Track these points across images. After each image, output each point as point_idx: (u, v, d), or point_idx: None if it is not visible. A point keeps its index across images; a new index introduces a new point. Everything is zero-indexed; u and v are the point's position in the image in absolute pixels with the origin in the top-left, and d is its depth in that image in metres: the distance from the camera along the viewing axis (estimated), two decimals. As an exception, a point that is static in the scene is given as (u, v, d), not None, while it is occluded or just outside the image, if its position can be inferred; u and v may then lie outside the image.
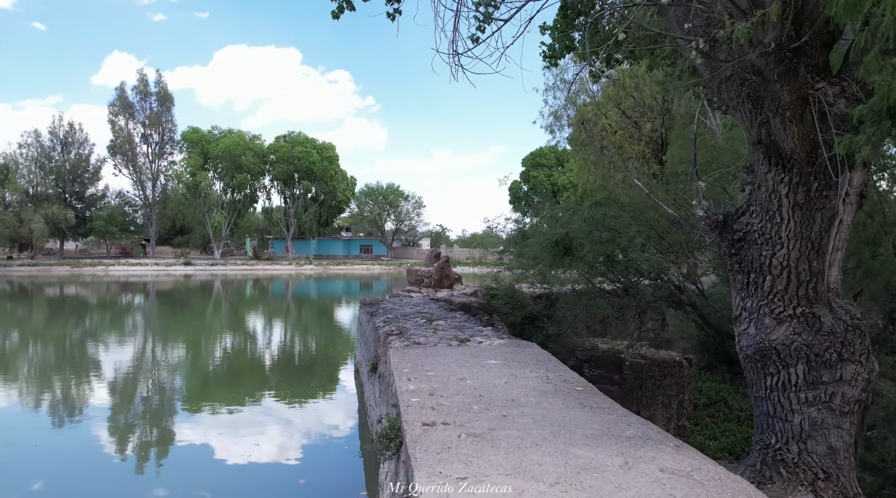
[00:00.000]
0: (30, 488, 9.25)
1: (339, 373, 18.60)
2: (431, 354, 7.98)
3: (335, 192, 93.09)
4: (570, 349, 13.01)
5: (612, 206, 11.03)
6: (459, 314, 12.42)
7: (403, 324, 10.88)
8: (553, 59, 10.02)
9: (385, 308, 13.85)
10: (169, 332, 28.61)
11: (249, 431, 12.19)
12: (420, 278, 20.21)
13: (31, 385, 16.75)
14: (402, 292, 18.40)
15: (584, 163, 25.44)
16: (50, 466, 10.23)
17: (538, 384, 6.34)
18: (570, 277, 13.93)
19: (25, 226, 75.83)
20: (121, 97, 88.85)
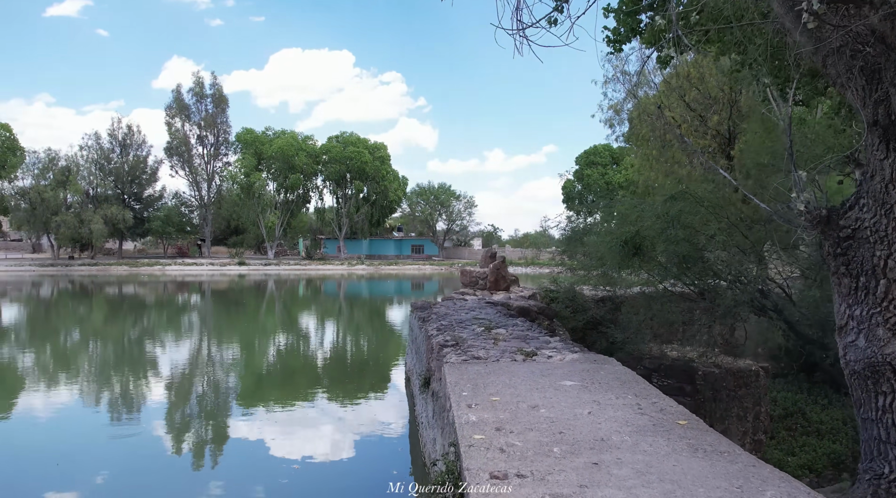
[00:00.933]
0: (93, 482, 9.47)
1: (391, 374, 18.41)
2: (494, 372, 6.88)
3: (387, 192, 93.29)
4: (638, 357, 12.24)
5: (688, 202, 10.12)
6: (520, 321, 11.39)
7: (459, 332, 9.94)
8: (617, 44, 9.36)
9: (438, 313, 12.95)
10: (224, 331, 29.04)
11: (302, 430, 12.25)
12: (475, 280, 19.39)
13: (92, 382, 17.11)
14: (455, 295, 17.58)
15: (645, 158, 24.43)
16: (109, 462, 10.42)
17: (630, 416, 5.19)
18: (637, 279, 13.16)
19: (86, 226, 77.98)
20: (177, 99, 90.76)
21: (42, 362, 20.16)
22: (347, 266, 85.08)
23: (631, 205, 12.84)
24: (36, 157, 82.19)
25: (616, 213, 12.31)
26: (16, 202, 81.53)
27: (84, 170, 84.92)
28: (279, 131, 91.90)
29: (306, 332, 29.27)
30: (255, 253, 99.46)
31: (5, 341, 24.98)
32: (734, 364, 11.38)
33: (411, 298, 47.93)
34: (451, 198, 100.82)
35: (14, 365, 19.64)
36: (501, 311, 13.46)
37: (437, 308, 14.03)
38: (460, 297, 16.92)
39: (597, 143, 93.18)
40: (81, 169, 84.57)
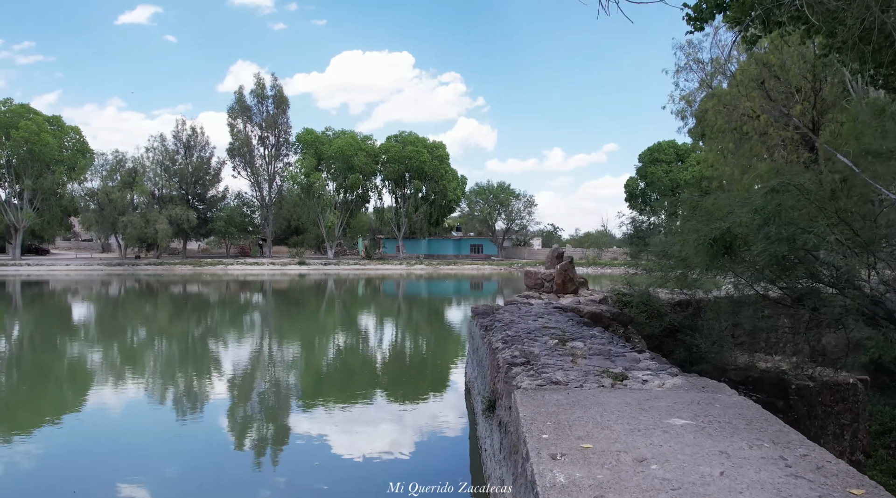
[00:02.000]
0: (162, 475, 9.68)
1: (450, 376, 18.16)
2: (579, 403, 5.51)
3: (445, 192, 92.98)
4: (721, 368, 11.30)
5: (791, 195, 9.06)
6: (598, 331, 10.26)
7: (529, 346, 8.68)
8: (698, 21, 8.56)
9: (502, 320, 11.79)
10: (284, 330, 29.35)
11: (360, 430, 12.22)
12: (539, 282, 18.40)
13: (158, 379, 17.53)
14: (519, 298, 16.60)
15: (719, 152, 23.27)
16: (175, 457, 10.63)
17: (779, 479, 3.71)
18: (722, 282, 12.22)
19: (151, 226, 79.99)
20: (239, 101, 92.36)
21: (110, 359, 20.78)
22: (406, 266, 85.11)
23: (722, 199, 11.86)
24: (104, 159, 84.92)
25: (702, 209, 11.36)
26: (85, 203, 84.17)
27: (150, 171, 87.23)
28: (339, 131, 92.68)
29: (365, 331, 29.35)
30: (315, 253, 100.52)
31: (76, 339, 25.98)
32: (830, 376, 10.39)
33: (470, 298, 47.52)
34: (510, 197, 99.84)
35: (84, 362, 20.37)
36: (572, 318, 12.45)
37: (501, 314, 12.96)
38: (525, 300, 15.96)
39: (661, 140, 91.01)
40: (147, 170, 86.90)
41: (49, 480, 9.65)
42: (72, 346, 23.89)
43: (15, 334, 27.35)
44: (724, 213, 10.44)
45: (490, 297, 48.98)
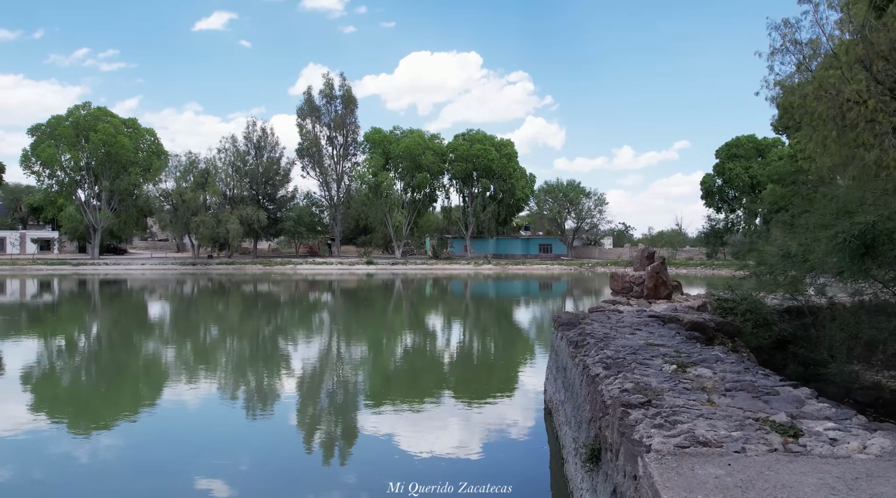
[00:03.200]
0: (236, 468, 9.81)
1: (520, 376, 17.60)
2: (754, 486, 3.84)
3: (514, 190, 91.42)
4: (844, 387, 9.65)
5: None
6: (720, 352, 8.72)
7: (642, 375, 6.97)
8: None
9: (594, 334, 10.20)
10: (352, 329, 29.38)
11: (431, 429, 12.01)
12: (628, 286, 16.69)
13: (230, 376, 17.88)
14: (605, 305, 15.12)
15: (819, 142, 21.12)
16: (247, 453, 10.80)
17: None
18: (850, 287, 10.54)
19: (223, 226, 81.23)
20: (308, 101, 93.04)
21: (184, 357, 21.27)
22: (474, 266, 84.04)
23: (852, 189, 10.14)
24: (178, 160, 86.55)
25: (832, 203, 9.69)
26: (160, 204, 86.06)
27: (221, 172, 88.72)
28: (406, 130, 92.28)
29: (432, 332, 29.03)
30: (382, 252, 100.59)
31: (152, 336, 26.71)
32: None
33: (538, 299, 46.29)
34: (580, 195, 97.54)
35: (159, 359, 20.98)
36: (676, 329, 11.07)
37: (591, 325, 11.46)
38: (612, 307, 14.49)
39: (739, 135, 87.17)
40: (219, 171, 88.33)
41: (128, 472, 9.95)
42: (147, 343, 24.49)
43: (94, 332, 28.21)
44: (857, 205, 8.80)
45: (560, 297, 47.72)
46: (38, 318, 33.23)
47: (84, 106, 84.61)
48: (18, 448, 10.98)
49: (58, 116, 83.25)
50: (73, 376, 17.96)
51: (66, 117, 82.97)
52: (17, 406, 14.09)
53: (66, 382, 17.26)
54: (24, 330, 28.18)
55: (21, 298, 45.59)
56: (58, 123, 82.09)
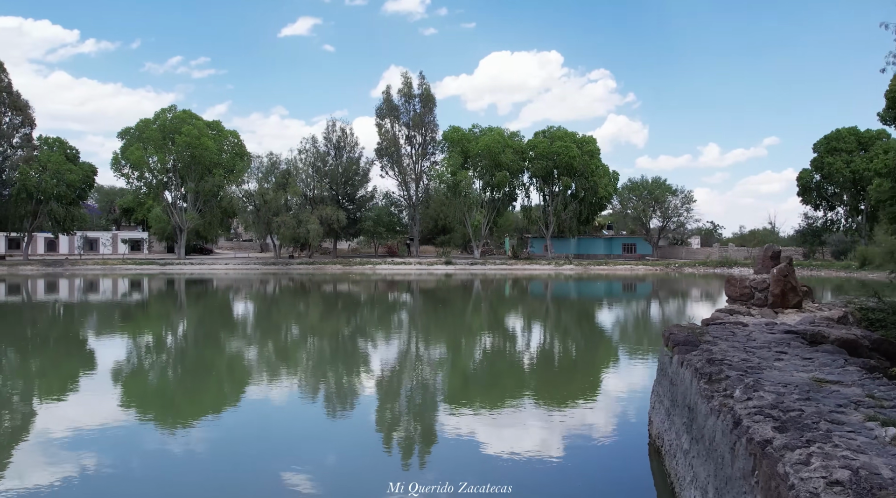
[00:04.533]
0: (320, 463, 10.06)
1: (602, 379, 17.64)
2: None
3: (596, 188, 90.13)
4: None
5: None
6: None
7: (851, 450, 4.54)
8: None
9: (730, 362, 8.04)
10: (431, 330, 29.68)
11: (511, 432, 12.00)
12: (748, 291, 14.69)
13: (310, 375, 18.41)
14: (723, 314, 13.15)
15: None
16: (328, 448, 11.23)
17: None
18: None
19: (303, 227, 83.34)
20: (387, 101, 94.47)
21: (265, 355, 22.03)
22: (555, 266, 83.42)
23: None
24: (260, 161, 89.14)
25: None
26: (242, 204, 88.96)
27: (302, 173, 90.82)
28: (485, 128, 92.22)
29: (512, 333, 29.01)
30: (461, 252, 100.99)
31: (235, 335, 27.76)
32: None
33: (622, 300, 45.45)
34: (666, 193, 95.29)
35: (242, 357, 21.78)
36: (833, 353, 8.73)
37: (717, 346, 9.30)
38: (733, 318, 12.42)
39: (839, 127, 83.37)
40: (300, 172, 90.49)
41: (215, 466, 10.49)
42: (231, 342, 25.47)
43: (181, 330, 29.58)
44: None
45: (644, 299, 46.78)
46: (129, 316, 35.11)
47: (170, 109, 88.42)
48: (112, 441, 11.68)
49: (146, 120, 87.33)
50: (160, 373, 18.92)
51: (153, 121, 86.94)
52: (109, 401, 14.98)
53: (154, 378, 18.20)
54: (116, 328, 29.93)
55: (112, 296, 48.28)
56: (145, 127, 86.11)
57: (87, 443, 11.40)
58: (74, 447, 11.11)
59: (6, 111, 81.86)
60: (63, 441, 11.49)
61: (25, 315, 34.85)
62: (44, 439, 11.70)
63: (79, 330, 29.25)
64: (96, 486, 9.50)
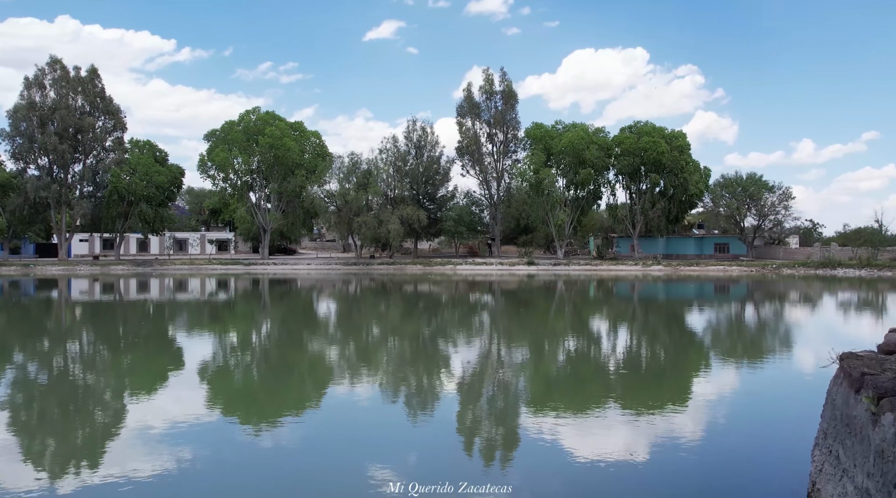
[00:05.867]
0: (404, 460, 10.24)
1: (694, 385, 17.34)
2: None
3: (686, 185, 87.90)
4: None
5: None
6: None
7: None
8: None
9: None
10: (513, 332, 29.58)
11: (596, 440, 11.92)
12: None
13: (390, 376, 18.66)
14: None
15: None
16: (412, 447, 11.44)
17: None
18: None
19: (384, 227, 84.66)
20: (468, 98, 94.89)
21: (346, 355, 22.56)
22: (642, 266, 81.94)
23: None
24: (341, 161, 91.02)
25: None
26: (325, 204, 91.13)
27: (383, 172, 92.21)
28: (569, 125, 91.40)
29: (597, 336, 28.76)
30: (544, 252, 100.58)
31: (317, 335, 28.52)
32: None
33: (714, 303, 44.25)
34: (761, 189, 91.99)
35: (323, 357, 22.41)
36: None
37: None
38: None
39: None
40: (380, 171, 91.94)
41: (301, 463, 10.81)
42: (313, 341, 26.19)
43: (264, 330, 30.58)
44: None
45: (738, 302, 45.30)
46: (216, 315, 36.65)
47: (253, 110, 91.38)
48: (198, 437, 12.30)
49: (230, 121, 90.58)
50: (244, 371, 19.67)
51: (237, 122, 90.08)
52: (196, 398, 15.76)
53: (239, 376, 18.97)
54: (204, 326, 31.33)
55: (199, 296, 50.47)
56: (230, 128, 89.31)
57: (174, 438, 11.99)
58: (165, 442, 11.71)
59: (100, 115, 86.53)
60: (153, 435, 12.13)
61: (118, 314, 36.79)
62: (136, 433, 12.40)
63: (168, 328, 30.70)
64: (188, 478, 9.99)
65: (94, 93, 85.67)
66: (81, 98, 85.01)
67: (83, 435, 12.68)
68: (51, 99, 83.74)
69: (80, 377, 18.59)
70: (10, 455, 11.22)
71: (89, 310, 40.09)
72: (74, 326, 31.16)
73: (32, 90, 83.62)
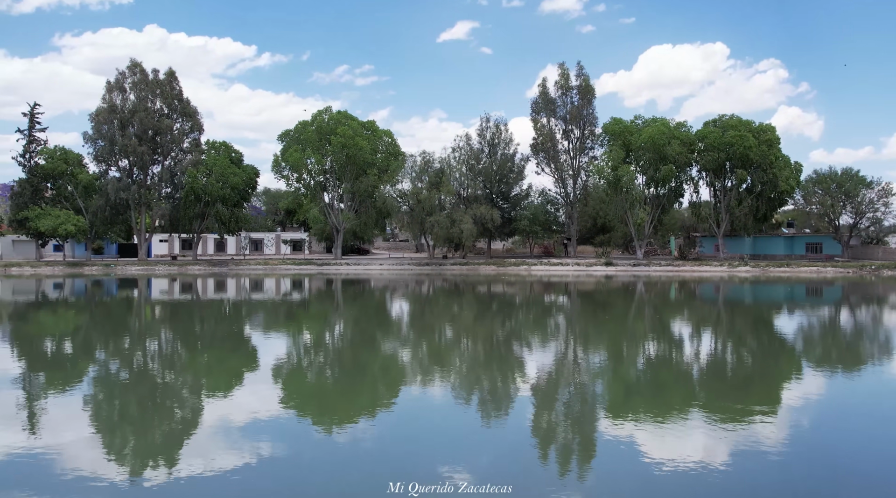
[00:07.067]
0: (476, 462, 10.31)
1: (782, 394, 16.84)
2: None
3: (776, 182, 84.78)
4: None
5: None
6: None
7: None
8: None
9: None
10: (590, 335, 29.38)
11: (676, 447, 11.73)
12: None
13: (463, 378, 18.81)
14: None
15: None
16: (484, 449, 11.48)
17: None
18: None
19: (457, 226, 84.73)
20: (542, 94, 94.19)
21: (419, 357, 22.82)
22: (728, 267, 79.66)
23: None
24: (413, 160, 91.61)
25: None
26: (397, 204, 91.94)
27: (455, 171, 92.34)
28: (649, 119, 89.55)
29: (679, 340, 28.22)
30: (622, 252, 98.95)
31: (389, 336, 28.85)
32: None
33: (805, 305, 42.57)
34: (858, 186, 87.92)
35: (396, 358, 22.65)
36: None
37: None
38: None
39: None
40: (453, 170, 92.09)
41: (376, 461, 10.97)
42: (386, 342, 26.44)
43: (338, 330, 31.26)
44: None
45: (833, 305, 43.62)
46: (291, 315, 37.55)
47: (326, 110, 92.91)
48: (275, 432, 12.66)
49: (304, 122, 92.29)
50: (318, 371, 20.16)
51: (311, 123, 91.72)
52: (271, 396, 16.19)
53: (312, 376, 19.49)
54: (279, 325, 32.20)
55: (274, 296, 51.77)
56: (303, 129, 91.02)
57: (251, 434, 12.47)
58: (242, 437, 12.22)
59: (177, 117, 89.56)
60: (231, 431, 12.67)
61: (195, 313, 38.16)
62: (214, 429, 12.96)
63: (244, 328, 31.64)
64: (265, 471, 10.36)
65: (172, 95, 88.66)
66: (160, 100, 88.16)
67: (164, 430, 13.25)
68: (131, 102, 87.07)
69: (161, 375, 19.39)
70: (99, 447, 11.90)
71: (169, 309, 41.72)
72: (154, 325, 32.44)
73: (113, 94, 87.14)
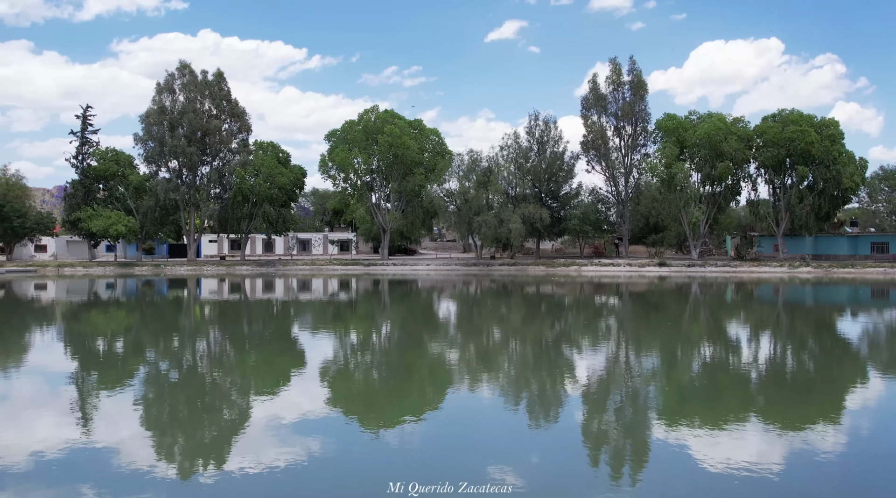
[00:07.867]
0: (522, 463, 10.17)
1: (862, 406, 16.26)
2: None
3: (839, 178, 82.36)
4: None
5: None
6: None
7: None
8: None
9: None
10: (643, 338, 28.94)
11: (732, 454, 11.37)
12: None
13: (511, 381, 18.79)
14: None
15: None
16: (531, 452, 11.33)
17: None
18: None
19: (505, 226, 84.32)
20: (593, 90, 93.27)
21: (465, 358, 22.73)
22: (788, 268, 77.70)
23: None
24: (460, 159, 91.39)
25: None
26: (444, 204, 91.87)
27: (503, 170, 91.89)
28: (704, 115, 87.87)
29: (737, 343, 27.57)
30: (676, 253, 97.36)
31: (436, 337, 28.90)
32: None
33: (871, 308, 41.13)
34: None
35: (443, 360, 22.51)
36: None
37: None
38: None
39: None
40: (501, 169, 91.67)
41: (417, 463, 10.97)
42: (433, 343, 26.49)
43: (385, 331, 31.41)
44: None
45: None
46: (338, 316, 37.85)
47: (372, 110, 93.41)
48: (322, 432, 12.78)
49: (350, 121, 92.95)
50: (364, 372, 20.28)
51: (357, 122, 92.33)
52: (318, 397, 16.33)
53: (360, 376, 19.62)
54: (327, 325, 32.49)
55: (322, 296, 52.33)
56: (350, 128, 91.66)
57: (299, 433, 12.67)
58: (291, 436, 12.39)
59: (226, 118, 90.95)
60: (280, 430, 12.85)
61: (244, 313, 38.70)
62: (262, 428, 13.12)
63: (292, 328, 32.06)
64: (312, 470, 10.55)
65: (221, 96, 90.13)
66: (208, 101, 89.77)
67: (213, 428, 13.55)
68: (180, 103, 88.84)
69: (210, 374, 19.75)
70: (150, 445, 12.22)
71: (218, 309, 42.41)
72: (203, 325, 32.95)
73: (163, 95, 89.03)
